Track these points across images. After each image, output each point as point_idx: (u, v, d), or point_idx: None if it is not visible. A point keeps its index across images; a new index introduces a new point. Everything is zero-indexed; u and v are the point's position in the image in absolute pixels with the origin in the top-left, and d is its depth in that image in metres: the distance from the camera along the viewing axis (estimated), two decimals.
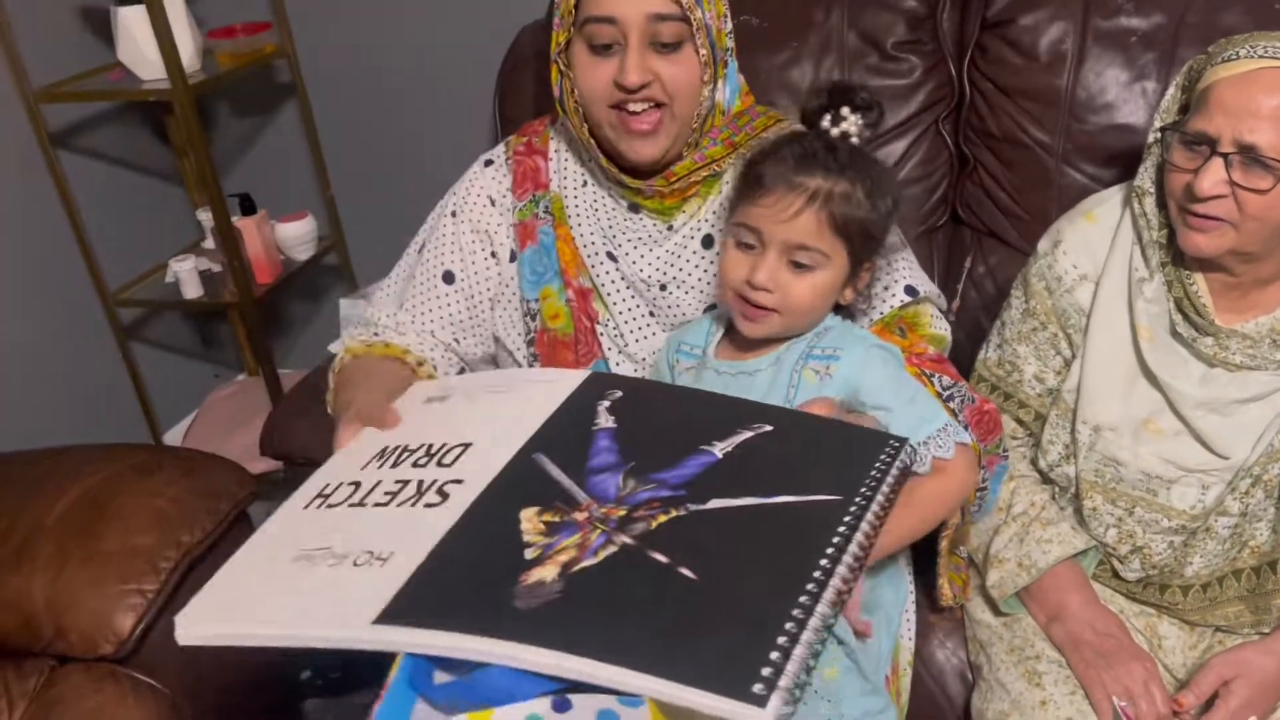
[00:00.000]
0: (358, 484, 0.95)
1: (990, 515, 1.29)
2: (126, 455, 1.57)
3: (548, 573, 0.75)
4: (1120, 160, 1.55)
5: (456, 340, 1.36)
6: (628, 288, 1.27)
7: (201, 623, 0.84)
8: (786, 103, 1.71)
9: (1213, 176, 1.08)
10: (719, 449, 0.85)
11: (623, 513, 0.79)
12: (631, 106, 1.15)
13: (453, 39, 2.24)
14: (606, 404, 0.95)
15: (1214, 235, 1.12)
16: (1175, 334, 1.22)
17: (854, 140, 1.05)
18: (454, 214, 1.34)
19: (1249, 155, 1.06)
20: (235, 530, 1.54)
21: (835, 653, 1.05)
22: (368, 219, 2.55)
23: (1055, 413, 1.29)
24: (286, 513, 0.96)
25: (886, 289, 1.20)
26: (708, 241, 1.24)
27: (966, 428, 1.12)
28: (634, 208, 1.26)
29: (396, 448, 0.99)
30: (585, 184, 1.29)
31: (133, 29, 2.04)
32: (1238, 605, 1.21)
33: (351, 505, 0.92)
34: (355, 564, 0.82)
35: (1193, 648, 1.24)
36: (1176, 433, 1.22)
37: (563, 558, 0.76)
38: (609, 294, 1.27)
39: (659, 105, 1.15)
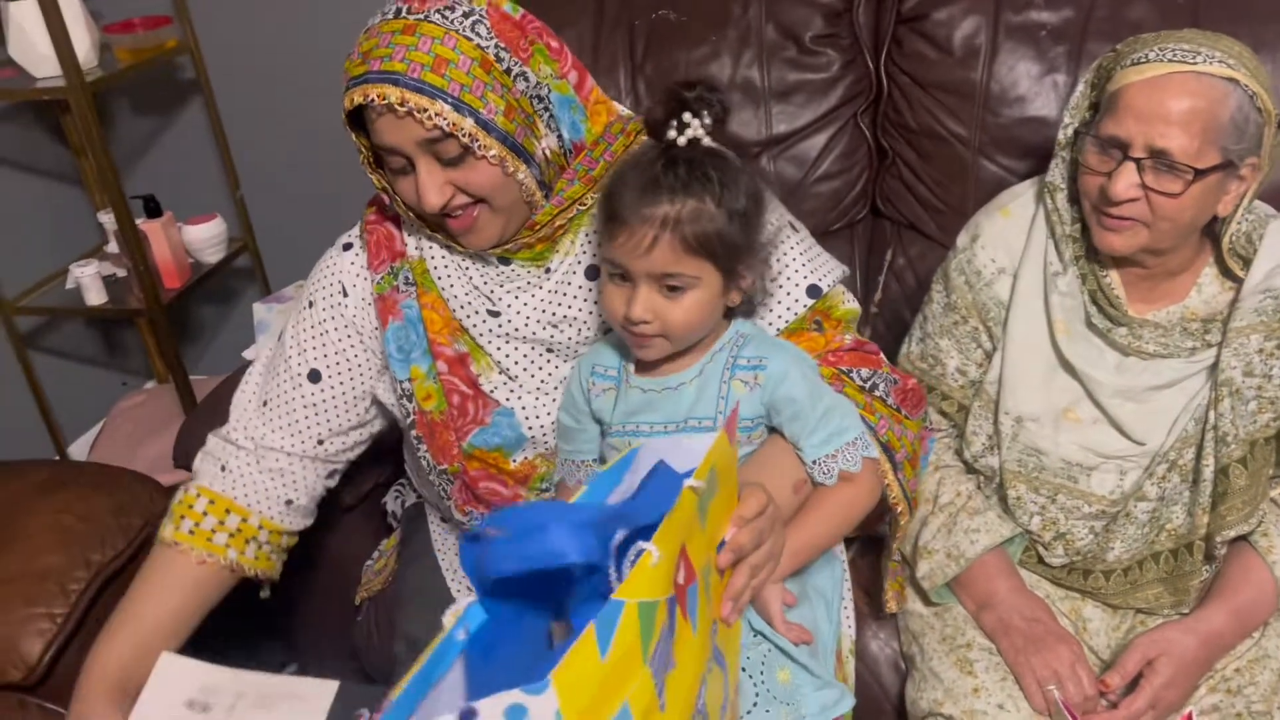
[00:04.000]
0: None
1: (920, 505, 1.31)
2: (29, 472, 1.51)
3: None
4: (1034, 153, 1.58)
5: (321, 443, 1.28)
6: (517, 340, 1.21)
7: None
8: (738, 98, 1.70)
9: (1126, 180, 1.11)
10: None
11: None
12: (449, 213, 1.10)
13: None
14: None
15: (1128, 235, 1.15)
16: (1090, 325, 1.25)
17: (706, 143, 1.02)
18: (310, 304, 1.26)
19: (1161, 160, 1.09)
20: (148, 548, 1.48)
21: (782, 657, 1.06)
22: (279, 218, 2.48)
23: (978, 404, 1.31)
24: None
25: (788, 294, 1.18)
26: (591, 273, 1.19)
27: (898, 408, 1.15)
28: (505, 260, 1.19)
29: None
30: (448, 246, 1.21)
31: (24, 24, 1.96)
32: (1158, 587, 1.24)
33: None
34: None
35: (1116, 629, 1.27)
36: (1095, 421, 1.25)
37: None
38: (497, 348, 1.21)
39: (477, 202, 1.10)
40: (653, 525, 0.75)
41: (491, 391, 1.22)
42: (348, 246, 1.26)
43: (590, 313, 1.20)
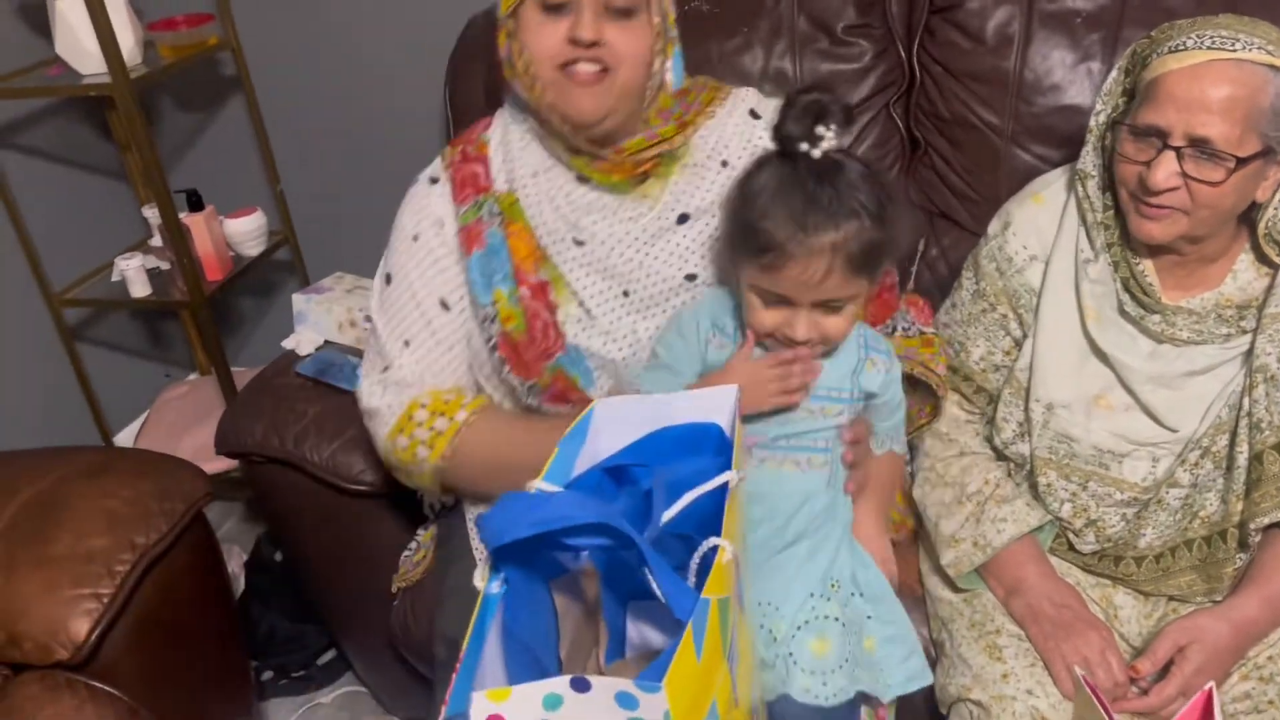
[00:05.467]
0: None
1: (944, 489, 1.32)
2: (76, 458, 1.55)
3: None
4: (1068, 141, 1.57)
5: (470, 369, 1.32)
6: (598, 273, 1.25)
7: None
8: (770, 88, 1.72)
9: (1166, 169, 1.10)
10: None
11: None
12: (580, 66, 1.15)
13: (402, 27, 2.21)
14: None
15: (1167, 223, 1.15)
16: (1123, 312, 1.24)
17: (836, 155, 1.02)
18: (416, 238, 1.30)
19: (1201, 149, 1.09)
20: (192, 531, 1.51)
21: (871, 625, 1.13)
22: (318, 212, 2.52)
23: (1009, 391, 1.30)
24: None
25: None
26: (683, 219, 1.25)
27: (921, 331, 1.35)
28: (582, 179, 1.25)
29: None
30: (536, 174, 1.27)
31: (71, 22, 2.00)
32: (1190, 575, 1.23)
33: None
34: None
35: (1148, 617, 1.26)
36: (1127, 408, 1.24)
37: None
38: (577, 279, 1.25)
39: (605, 70, 1.15)
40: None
41: (563, 324, 1.25)
42: (434, 180, 1.31)
43: (677, 269, 1.24)
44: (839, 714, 1.09)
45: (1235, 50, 1.07)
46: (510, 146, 1.29)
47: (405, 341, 1.29)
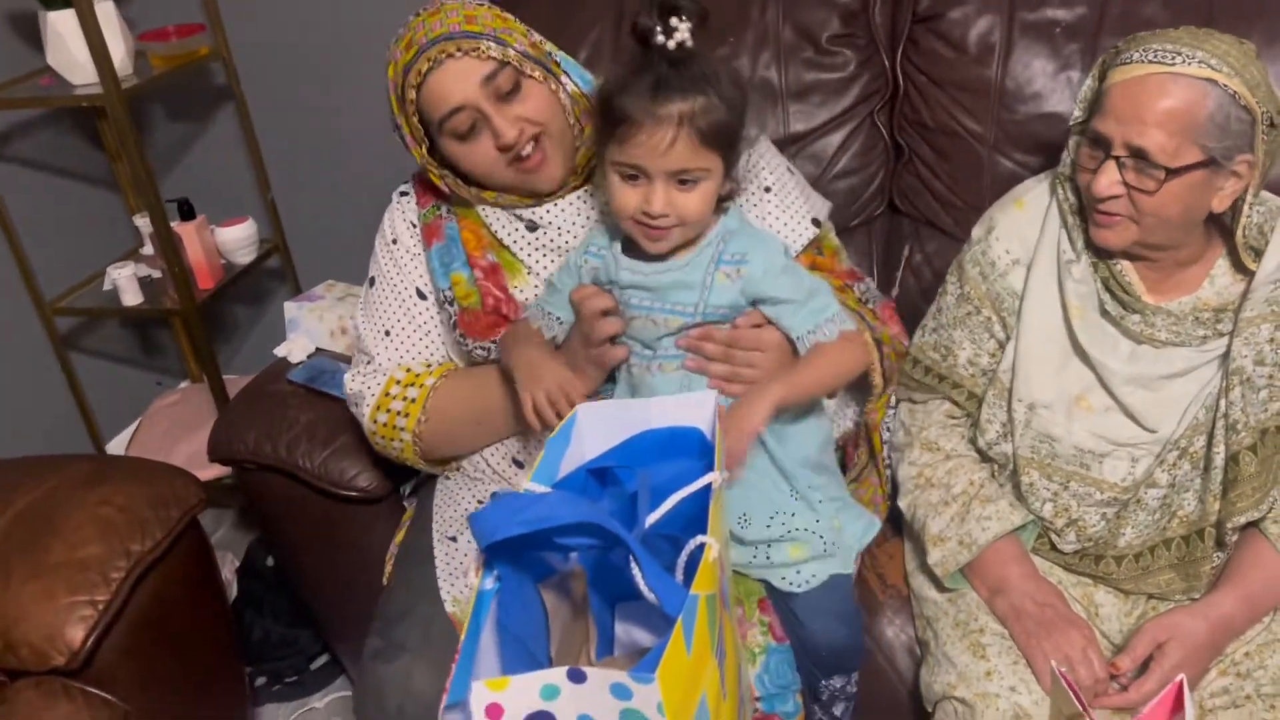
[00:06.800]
0: None
1: (931, 491, 1.34)
2: (71, 466, 1.56)
3: None
4: (1048, 148, 1.60)
5: (447, 355, 1.42)
6: (552, 251, 1.34)
7: None
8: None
9: (1107, 178, 1.15)
10: None
11: None
12: (521, 153, 1.25)
13: (390, 37, 2.22)
14: None
15: (1118, 230, 1.19)
16: (1104, 312, 1.27)
17: (689, 46, 1.09)
18: (395, 240, 1.41)
19: (1139, 158, 1.12)
20: (187, 538, 1.53)
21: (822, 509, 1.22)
22: (309, 220, 2.54)
23: (992, 393, 1.33)
24: None
25: (799, 223, 1.35)
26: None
27: (875, 316, 1.36)
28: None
29: None
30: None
31: (62, 33, 2.01)
32: (1169, 573, 1.26)
33: None
34: None
35: (1128, 615, 1.29)
36: (1107, 408, 1.27)
37: None
38: (536, 260, 1.34)
39: (537, 138, 1.25)
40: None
41: (525, 300, 1.34)
42: (404, 194, 1.43)
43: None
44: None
45: (1174, 65, 1.11)
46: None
47: (386, 331, 1.40)
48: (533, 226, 1.34)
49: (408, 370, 1.38)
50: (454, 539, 1.35)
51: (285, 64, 2.35)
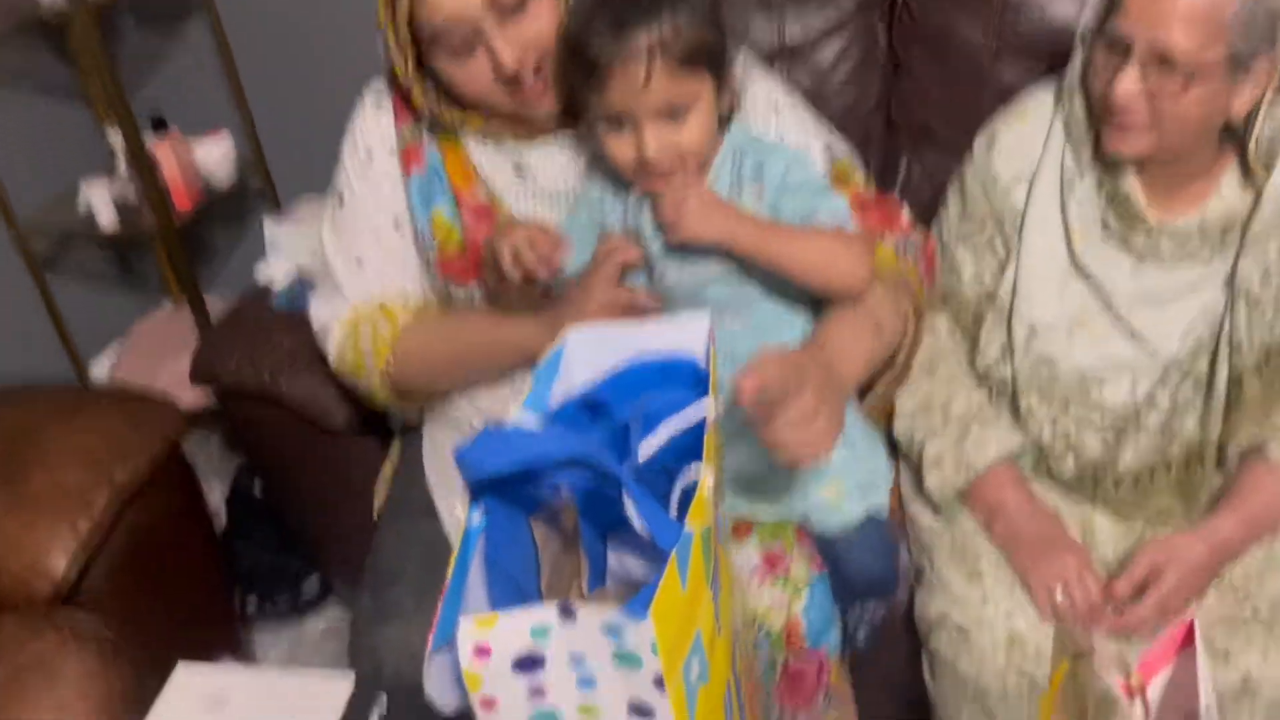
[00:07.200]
0: None
1: (929, 414, 1.31)
2: (50, 395, 1.54)
3: None
4: (1053, 58, 1.53)
5: (423, 292, 1.31)
6: (541, 200, 1.23)
7: None
8: None
9: (1128, 81, 1.09)
10: None
11: None
12: (521, 80, 1.11)
13: None
14: (376, 715, 0.98)
15: (1134, 138, 1.13)
16: (1107, 231, 1.23)
17: None
18: (369, 154, 1.27)
19: (1162, 59, 1.06)
20: (170, 466, 1.50)
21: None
22: (288, 135, 2.46)
23: (991, 314, 1.30)
24: None
25: (810, 148, 1.23)
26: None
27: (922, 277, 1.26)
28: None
29: None
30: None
31: None
32: (1168, 496, 1.25)
33: None
34: None
35: (1124, 539, 1.27)
36: (1108, 330, 1.24)
37: None
38: (521, 209, 1.24)
39: (539, 66, 1.12)
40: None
41: None
42: (379, 105, 1.27)
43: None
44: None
45: None
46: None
47: (358, 260, 1.28)
48: (520, 170, 1.23)
49: (380, 305, 1.27)
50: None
51: None
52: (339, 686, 1.03)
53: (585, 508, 0.88)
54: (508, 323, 1.21)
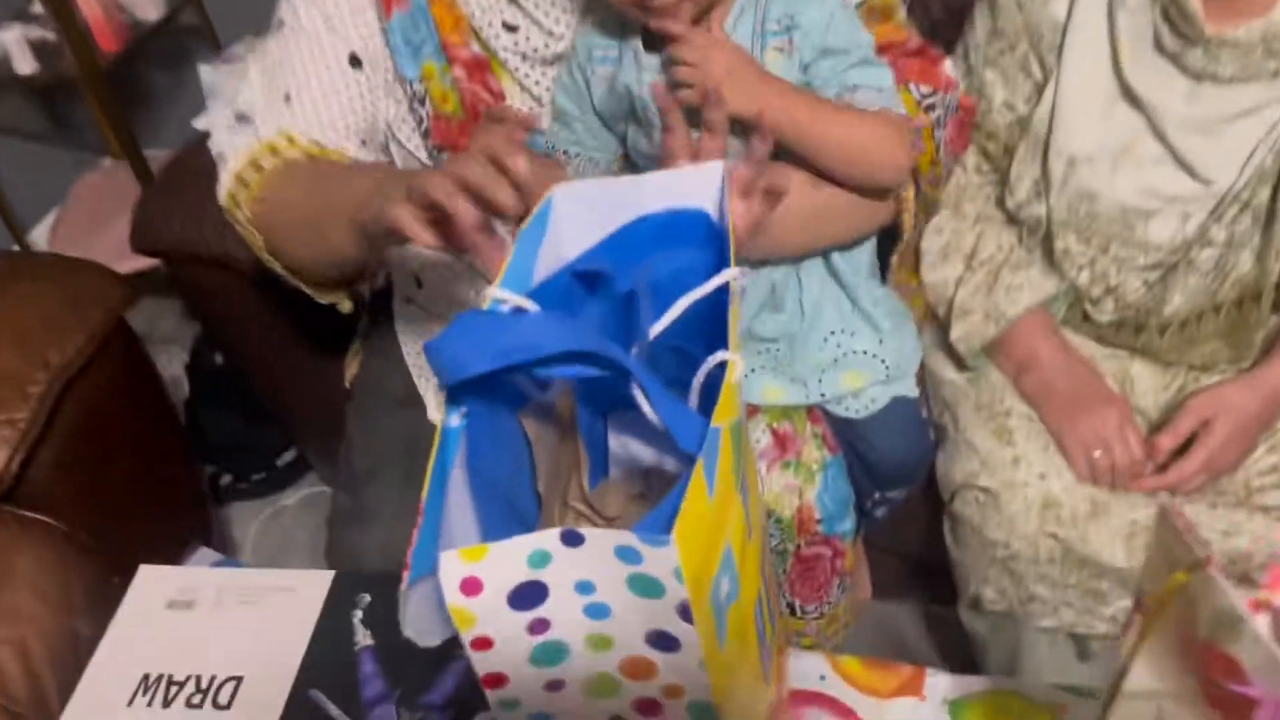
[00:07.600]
0: None
1: (956, 258, 1.19)
2: None
3: None
4: None
5: (365, 143, 1.06)
6: (536, 62, 1.04)
7: None
8: None
9: None
10: None
11: None
12: None
13: None
14: (360, 614, 0.91)
15: None
16: (1160, 47, 1.08)
17: None
18: None
19: None
20: (114, 341, 1.37)
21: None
22: None
23: (1024, 145, 1.16)
24: None
25: None
26: None
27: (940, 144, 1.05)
28: None
29: (160, 677, 0.89)
30: None
31: None
32: (1216, 342, 1.14)
33: None
34: None
35: (1166, 389, 1.18)
36: (1158, 159, 1.11)
37: None
38: (515, 68, 1.04)
39: None
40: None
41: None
42: None
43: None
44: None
45: None
46: None
47: (285, 95, 1.04)
48: (511, 27, 1.02)
49: (290, 139, 1.02)
50: None
51: None
52: (316, 585, 0.94)
53: (582, 391, 0.76)
54: (360, 175, 0.98)
